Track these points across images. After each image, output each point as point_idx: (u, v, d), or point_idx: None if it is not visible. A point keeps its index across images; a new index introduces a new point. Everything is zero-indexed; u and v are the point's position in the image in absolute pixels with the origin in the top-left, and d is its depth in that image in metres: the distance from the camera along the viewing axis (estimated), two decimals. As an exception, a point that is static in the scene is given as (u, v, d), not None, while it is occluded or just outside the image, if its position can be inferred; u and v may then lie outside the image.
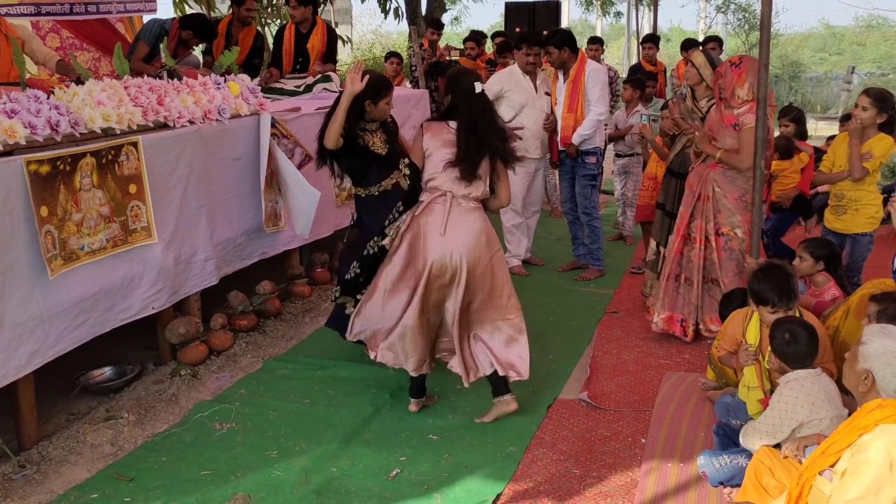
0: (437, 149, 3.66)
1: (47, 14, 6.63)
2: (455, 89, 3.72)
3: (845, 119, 8.53)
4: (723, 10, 23.06)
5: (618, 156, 7.17)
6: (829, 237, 4.72)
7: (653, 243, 5.19)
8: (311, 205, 5.03)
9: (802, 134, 5.90)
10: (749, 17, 22.36)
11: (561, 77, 5.83)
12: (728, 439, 3.36)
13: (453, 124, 3.68)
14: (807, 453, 2.86)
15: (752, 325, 3.56)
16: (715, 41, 8.54)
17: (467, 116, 3.64)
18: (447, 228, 3.56)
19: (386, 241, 3.77)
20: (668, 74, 9.63)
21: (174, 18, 6.63)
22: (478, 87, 3.68)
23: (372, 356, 3.74)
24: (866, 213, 4.59)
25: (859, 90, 18.49)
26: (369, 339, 3.76)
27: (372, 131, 4.13)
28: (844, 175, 4.63)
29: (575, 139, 5.70)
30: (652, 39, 9.29)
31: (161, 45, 5.23)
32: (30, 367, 3.47)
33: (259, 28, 12.08)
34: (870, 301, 3.33)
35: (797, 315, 3.39)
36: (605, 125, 6.63)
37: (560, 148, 5.92)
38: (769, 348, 3.24)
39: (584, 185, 5.92)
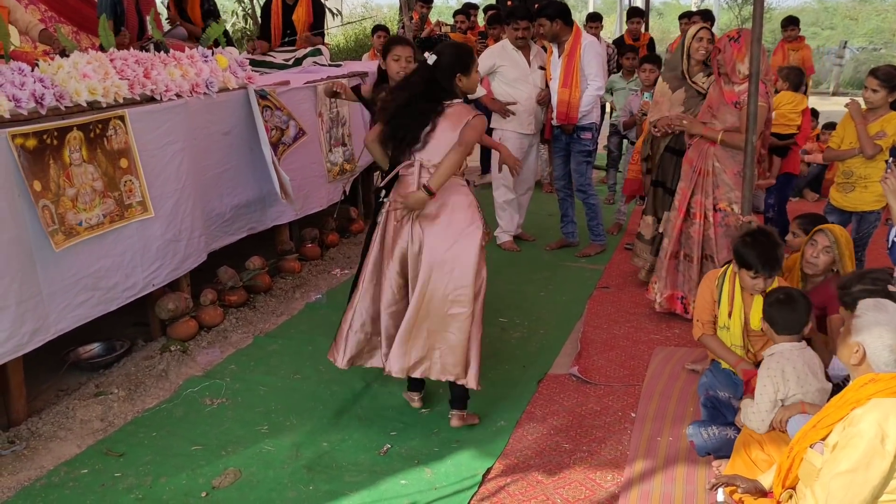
0: None
1: (24, -15, 6.49)
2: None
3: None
4: (716, -17, 22.87)
5: (631, 143, 6.87)
6: (834, 215, 4.70)
7: (650, 219, 5.14)
8: (287, 183, 5.00)
9: (798, 88, 6.01)
10: (742, -9, 22.19)
11: (555, 51, 5.71)
12: (716, 411, 3.39)
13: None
14: (790, 423, 2.88)
15: (725, 286, 3.56)
16: (697, 15, 8.33)
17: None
18: None
19: None
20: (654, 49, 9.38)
21: None
22: (428, 58, 3.43)
23: None
24: (875, 190, 4.48)
25: (851, 65, 18.40)
26: None
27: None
28: (855, 152, 4.57)
29: (581, 111, 5.62)
30: (638, 14, 9.17)
31: (148, 18, 5.14)
32: (31, 345, 3.44)
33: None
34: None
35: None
36: (609, 106, 6.59)
37: (554, 124, 5.86)
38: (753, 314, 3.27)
39: (579, 161, 5.82)
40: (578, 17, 8.37)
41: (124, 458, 3.30)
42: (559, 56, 5.66)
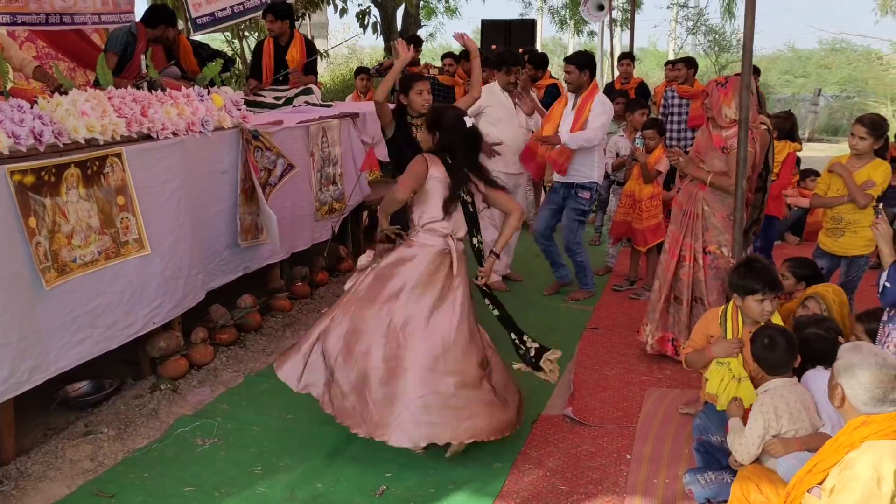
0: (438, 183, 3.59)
1: (23, 24, 6.52)
2: (442, 127, 3.66)
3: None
4: (693, 31, 23.49)
5: (619, 184, 6.90)
6: (823, 259, 4.77)
7: None
8: (272, 224, 5.04)
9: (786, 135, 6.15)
10: (719, 39, 22.77)
11: (571, 101, 5.65)
12: (710, 456, 3.40)
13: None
14: (782, 466, 2.91)
15: (728, 324, 3.60)
16: (682, 62, 8.51)
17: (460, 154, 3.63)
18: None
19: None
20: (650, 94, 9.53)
21: (137, 22, 6.17)
22: (468, 121, 3.64)
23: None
24: (865, 234, 4.57)
25: (826, 112, 18.73)
26: None
27: (418, 126, 4.46)
28: (844, 199, 4.65)
29: (568, 139, 5.42)
30: (628, 56, 9.40)
31: (143, 57, 5.18)
32: (30, 384, 3.41)
33: (237, 40, 12.08)
34: (856, 322, 3.43)
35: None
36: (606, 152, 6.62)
37: (553, 173, 5.77)
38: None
39: (572, 219, 5.73)
40: (557, 62, 8.51)
41: (115, 499, 3.25)
42: (573, 108, 5.60)
